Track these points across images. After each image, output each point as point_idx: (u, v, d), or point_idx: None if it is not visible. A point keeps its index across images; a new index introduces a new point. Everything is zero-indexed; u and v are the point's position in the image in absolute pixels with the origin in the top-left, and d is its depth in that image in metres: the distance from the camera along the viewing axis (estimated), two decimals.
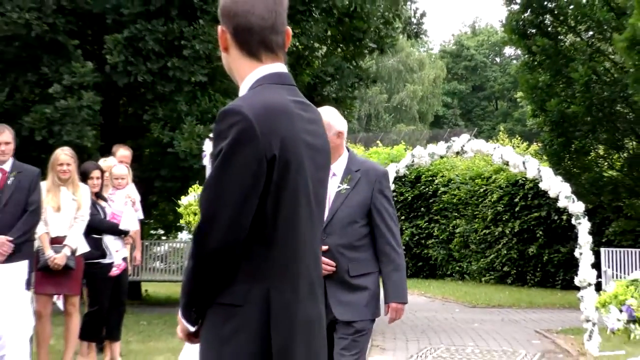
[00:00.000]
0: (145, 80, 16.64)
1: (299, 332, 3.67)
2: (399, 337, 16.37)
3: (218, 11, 3.84)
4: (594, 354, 13.83)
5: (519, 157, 15.46)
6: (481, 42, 68.78)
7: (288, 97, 3.70)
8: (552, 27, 23.82)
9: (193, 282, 3.60)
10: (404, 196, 30.38)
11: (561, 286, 24.31)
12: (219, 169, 3.49)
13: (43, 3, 16.78)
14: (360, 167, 6.63)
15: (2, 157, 10.57)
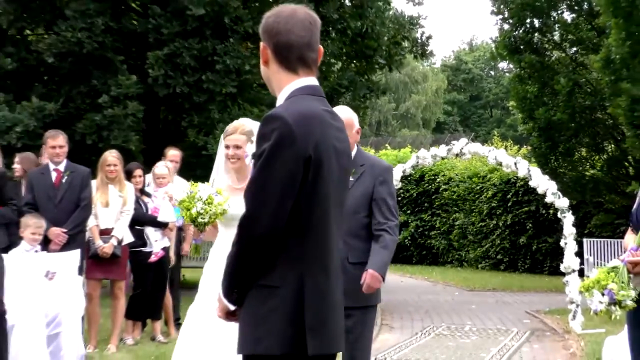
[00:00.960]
0: (183, 92, 16.63)
1: (328, 313, 3.76)
2: (405, 317, 16.33)
3: (260, 29, 3.93)
4: (577, 331, 13.79)
5: (511, 158, 15.43)
6: (477, 58, 68.64)
7: (320, 107, 3.80)
8: (539, 43, 23.77)
9: (236, 266, 3.69)
10: (410, 193, 30.36)
11: (548, 272, 24.24)
12: (263, 167, 3.60)
13: (93, 24, 16.78)
14: (365, 161, 6.46)
15: (57, 158, 10.65)
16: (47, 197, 10.70)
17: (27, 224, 9.92)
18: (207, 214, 6.10)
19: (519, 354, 12.30)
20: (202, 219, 6.12)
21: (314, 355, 3.67)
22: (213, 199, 6.11)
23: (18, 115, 16.28)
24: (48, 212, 10.42)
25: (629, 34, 17.46)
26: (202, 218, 6.11)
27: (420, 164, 16.17)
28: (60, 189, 10.75)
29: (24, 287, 9.59)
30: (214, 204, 6.10)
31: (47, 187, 10.76)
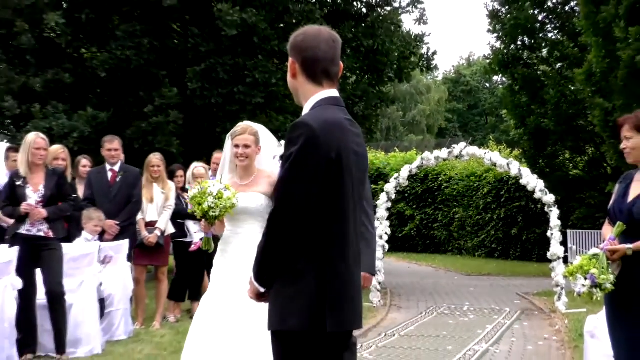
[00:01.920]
0: (217, 102, 16.67)
1: (347, 295, 3.78)
2: (412, 298, 16.32)
3: (289, 47, 3.96)
4: (562, 311, 13.76)
5: (504, 160, 15.39)
6: (475, 72, 68.44)
7: (342, 116, 3.82)
8: (529, 59, 23.78)
9: (266, 254, 3.73)
10: (415, 190, 30.28)
11: (536, 259, 24.15)
12: (291, 168, 3.62)
13: (140, 43, 16.83)
14: None
15: (113, 160, 10.85)
16: (103, 193, 10.84)
17: (90, 217, 10.03)
18: (217, 207, 5.94)
19: (511, 330, 12.28)
20: (213, 212, 5.97)
21: (333, 332, 3.70)
22: (223, 194, 5.96)
23: (75, 123, 16.35)
24: (103, 206, 10.56)
25: (607, 52, 17.48)
26: (213, 212, 5.97)
27: (424, 165, 16.15)
28: (114, 187, 10.89)
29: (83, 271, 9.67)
30: (224, 199, 5.95)
31: (103, 185, 10.91)
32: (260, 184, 6.29)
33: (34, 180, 9.01)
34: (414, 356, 9.96)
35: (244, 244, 6.15)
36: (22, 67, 17.78)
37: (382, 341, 11.05)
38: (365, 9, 19.45)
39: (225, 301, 6.06)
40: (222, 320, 6.00)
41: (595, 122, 18.59)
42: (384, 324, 12.78)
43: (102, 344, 9.62)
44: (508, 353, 10.33)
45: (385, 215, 15.64)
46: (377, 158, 32.17)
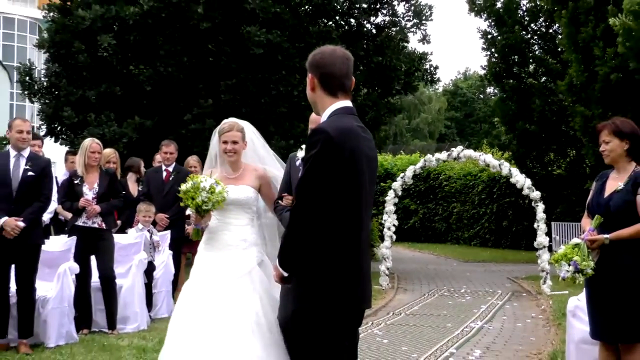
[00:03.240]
0: (247, 111, 16.68)
1: (359, 278, 3.81)
2: (416, 282, 16.31)
3: (308, 64, 3.99)
4: (547, 293, 13.72)
5: (496, 161, 15.36)
6: (470, 85, 68.30)
7: (355, 123, 3.84)
8: (518, 73, 23.80)
9: (289, 243, 3.74)
10: (419, 187, 30.27)
11: (524, 248, 24.02)
12: (310, 169, 3.65)
13: (180, 61, 16.87)
14: None
15: (168, 162, 11.01)
16: (158, 190, 10.94)
17: (140, 210, 10.12)
18: (210, 202, 5.56)
19: (502, 310, 12.24)
20: (206, 206, 5.58)
21: (348, 310, 3.77)
22: (215, 189, 5.56)
23: (124, 129, 16.41)
24: (157, 202, 10.65)
25: (586, 67, 17.52)
26: (206, 206, 5.58)
27: (427, 166, 16.11)
28: (167, 185, 10.94)
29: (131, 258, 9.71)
30: (216, 193, 5.55)
31: (158, 183, 11.02)
32: (248, 177, 5.90)
33: (89, 179, 9.10)
34: (418, 332, 9.95)
35: (231, 234, 5.74)
36: (79, 81, 17.87)
37: (390, 319, 11.04)
38: (375, 30, 19.40)
39: (209, 291, 5.47)
40: (205, 310, 5.38)
41: (576, 128, 18.61)
42: (391, 304, 12.76)
43: (147, 321, 9.65)
44: (500, 329, 10.29)
45: (393, 209, 15.62)
46: (386, 160, 32.15)
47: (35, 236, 7.95)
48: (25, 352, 7.69)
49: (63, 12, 18.19)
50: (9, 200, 7.78)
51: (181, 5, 16.51)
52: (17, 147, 7.96)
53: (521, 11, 23.64)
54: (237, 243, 5.65)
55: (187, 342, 5.33)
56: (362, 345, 5.84)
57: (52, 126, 18.58)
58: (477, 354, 8.42)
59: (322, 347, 3.70)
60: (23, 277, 7.88)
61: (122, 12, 16.60)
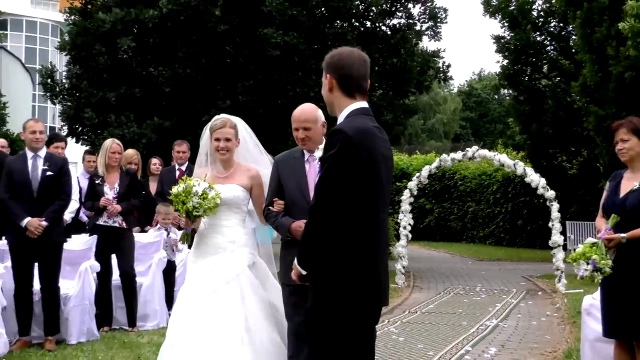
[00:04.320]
0: (264, 112, 16.71)
1: (377, 276, 3.81)
2: (431, 280, 16.27)
3: (325, 65, 3.98)
4: (562, 291, 13.65)
5: (511, 161, 15.31)
6: (485, 85, 68.08)
7: (371, 124, 3.83)
8: (531, 74, 23.72)
9: (308, 242, 3.74)
10: (434, 187, 30.21)
11: (539, 246, 23.88)
12: (329, 169, 3.64)
13: (198, 62, 16.93)
14: None
15: (180, 160, 10.87)
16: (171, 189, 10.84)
17: (159, 212, 10.07)
18: (201, 208, 5.26)
19: (517, 308, 12.18)
20: (197, 212, 5.27)
21: (366, 308, 3.77)
22: (207, 194, 5.27)
23: (143, 130, 16.49)
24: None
25: (600, 67, 17.44)
26: (197, 212, 5.27)
27: (442, 165, 16.07)
28: None
29: (151, 256, 9.73)
30: (209, 199, 5.26)
31: (171, 182, 10.86)
32: (239, 176, 5.60)
33: (110, 179, 9.13)
34: (433, 330, 9.92)
35: (221, 236, 5.48)
36: (100, 83, 17.99)
37: (406, 317, 11.02)
38: (390, 32, 19.38)
39: (197, 302, 5.26)
40: (194, 322, 5.19)
41: (590, 128, 18.54)
42: (407, 303, 12.74)
43: (167, 318, 9.66)
44: (515, 328, 10.24)
45: (408, 208, 15.59)
46: (401, 159, 32.10)
47: (57, 234, 7.98)
48: (50, 349, 7.73)
49: (84, 15, 18.30)
50: (31, 200, 7.81)
51: (199, 8, 16.57)
52: (32, 147, 7.99)
53: (535, 12, 23.54)
54: (226, 245, 5.43)
55: (178, 354, 5.17)
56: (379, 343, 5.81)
57: (73, 127, 18.71)
58: (492, 352, 8.39)
59: (341, 344, 3.69)
60: (46, 275, 7.92)
61: (142, 15, 16.67)
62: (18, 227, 7.70)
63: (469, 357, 8.16)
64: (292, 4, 16.63)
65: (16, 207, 7.75)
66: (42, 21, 61.22)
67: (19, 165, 7.95)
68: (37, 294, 8.02)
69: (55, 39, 46.13)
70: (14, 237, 7.77)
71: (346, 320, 3.69)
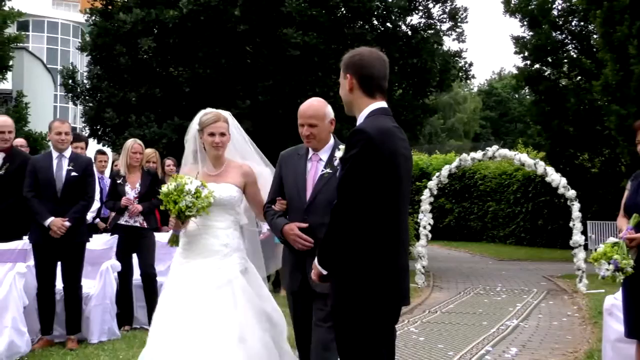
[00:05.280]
0: (284, 112, 16.72)
1: (398, 277, 3.80)
2: (452, 280, 16.23)
3: (345, 65, 3.97)
4: (583, 291, 13.59)
5: (531, 160, 15.26)
6: (505, 84, 67.84)
7: (391, 124, 3.83)
8: (552, 74, 23.61)
9: (329, 242, 3.73)
10: (454, 186, 30.11)
11: (560, 246, 23.74)
12: (351, 169, 3.64)
13: (218, 63, 16.97)
14: None
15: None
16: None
17: None
18: (194, 207, 4.91)
19: (538, 308, 12.13)
20: (189, 212, 4.92)
21: (388, 307, 3.77)
22: (201, 193, 4.92)
23: (164, 130, 16.54)
24: None
25: (622, 66, 17.33)
26: (190, 212, 4.92)
27: (462, 165, 16.04)
28: None
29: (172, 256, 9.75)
30: (202, 198, 4.91)
31: None
32: (232, 174, 5.28)
33: (131, 179, 9.17)
34: (454, 330, 9.89)
35: (212, 239, 5.14)
36: (120, 83, 18.08)
37: (426, 317, 11.00)
38: (410, 32, 19.32)
39: (185, 306, 4.93)
40: (181, 328, 4.86)
41: (611, 127, 18.41)
42: (427, 302, 12.72)
43: None
44: (536, 328, 10.20)
45: (428, 208, 15.56)
46: (421, 159, 32.03)
47: (80, 234, 8.03)
48: (72, 348, 7.78)
49: (105, 16, 18.39)
50: (54, 200, 7.86)
51: (219, 8, 16.61)
52: (57, 148, 8.03)
53: (555, 11, 23.43)
54: (218, 249, 5.11)
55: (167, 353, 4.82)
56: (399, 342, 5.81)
57: (95, 128, 18.80)
58: (512, 352, 8.35)
59: (362, 343, 3.71)
60: (69, 275, 7.97)
61: (162, 15, 16.74)
62: (41, 227, 7.75)
63: (490, 357, 8.13)
64: (312, 5, 16.64)
65: (40, 206, 7.80)
66: (64, 22, 61.68)
67: (44, 164, 8.00)
68: (59, 293, 8.08)
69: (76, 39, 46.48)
70: (38, 237, 7.82)
71: (367, 319, 3.70)
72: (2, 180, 8.17)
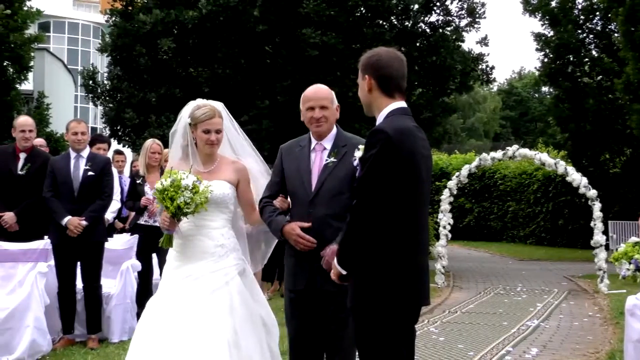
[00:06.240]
0: None
1: (418, 277, 3.80)
2: (472, 280, 16.19)
3: (363, 66, 3.96)
4: (604, 292, 13.51)
5: (552, 160, 15.19)
6: (525, 84, 67.56)
7: (411, 124, 3.83)
8: (573, 73, 23.47)
9: (348, 242, 3.72)
10: (474, 186, 30.05)
11: (581, 246, 23.60)
12: (370, 169, 3.63)
13: (237, 63, 17.03)
14: (347, 142, 4.80)
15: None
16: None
17: None
18: (193, 203, 4.57)
19: (559, 308, 12.08)
20: (188, 209, 4.58)
21: (408, 307, 3.78)
22: (198, 187, 4.59)
23: None
24: None
25: None
26: (188, 208, 4.58)
27: (482, 164, 16.00)
28: None
29: None
30: (200, 193, 4.59)
31: None
32: (225, 170, 4.96)
33: (150, 179, 9.20)
34: (474, 330, 9.86)
35: (206, 239, 4.82)
36: (140, 84, 18.15)
37: (446, 317, 10.97)
38: (429, 29, 19.28)
39: (177, 311, 4.64)
40: (172, 334, 4.56)
41: (633, 126, 18.32)
42: (447, 302, 12.68)
43: None
44: (557, 328, 10.15)
45: (448, 208, 15.52)
46: (441, 159, 31.98)
47: (99, 234, 8.08)
48: (93, 347, 7.83)
49: (125, 17, 18.48)
50: (72, 200, 7.91)
51: (238, 8, 16.65)
52: (74, 148, 8.09)
53: (576, 10, 23.30)
54: (213, 250, 4.79)
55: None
56: (419, 342, 5.80)
57: (115, 128, 18.89)
58: (533, 352, 8.32)
59: (382, 343, 3.70)
60: (89, 275, 8.03)
61: (182, 16, 16.80)
62: (61, 227, 7.81)
63: (510, 357, 8.10)
64: (330, 5, 16.63)
65: (58, 205, 7.86)
66: (84, 23, 62.05)
67: (61, 165, 8.06)
68: (80, 292, 8.13)
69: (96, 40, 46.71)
70: (57, 237, 7.88)
71: (387, 319, 3.69)
72: (23, 181, 8.24)
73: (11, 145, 8.62)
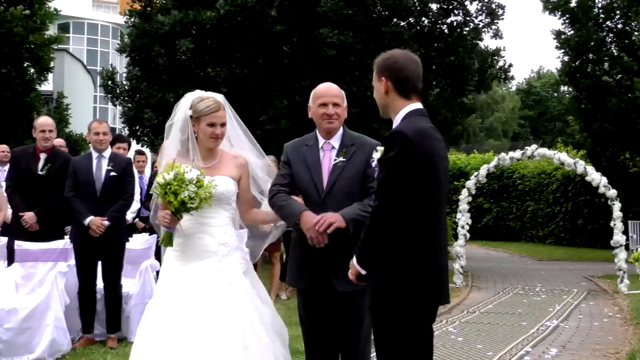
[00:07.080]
0: None
1: (437, 276, 3.81)
2: (490, 280, 16.13)
3: (379, 68, 3.97)
4: (624, 292, 13.44)
5: (571, 159, 15.12)
6: (544, 83, 67.28)
7: (428, 125, 3.84)
8: (593, 71, 23.33)
9: (368, 242, 3.74)
10: (492, 186, 29.96)
11: (600, 246, 23.48)
12: (390, 171, 3.65)
13: (255, 63, 17.06)
14: (355, 141, 4.77)
15: None
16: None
17: None
18: (197, 198, 4.32)
19: (578, 309, 12.01)
20: (192, 204, 4.33)
21: (425, 306, 3.79)
22: (202, 181, 4.36)
23: None
24: None
25: None
26: (192, 203, 4.33)
27: (500, 164, 15.95)
28: None
29: None
30: (204, 187, 4.36)
31: None
32: (227, 166, 4.74)
33: None
34: (492, 331, 9.83)
35: (209, 237, 4.61)
36: (159, 84, 18.24)
37: (464, 317, 10.95)
38: (447, 30, 19.23)
39: (181, 313, 4.41)
40: (177, 337, 4.35)
41: None
42: (466, 302, 12.65)
43: None
44: (576, 328, 10.10)
45: (466, 208, 15.49)
46: (459, 159, 31.92)
47: (120, 234, 8.13)
48: (112, 346, 7.88)
49: (143, 18, 18.58)
50: (94, 200, 7.97)
51: (256, 9, 16.70)
52: (96, 148, 8.15)
53: (596, 9, 23.17)
54: (216, 249, 4.59)
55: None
56: (437, 342, 5.80)
57: (134, 128, 18.99)
58: (553, 353, 8.28)
59: (401, 342, 3.72)
60: (109, 274, 8.09)
61: (200, 16, 16.86)
62: (82, 227, 7.86)
63: (529, 357, 8.07)
64: (348, 4, 16.63)
65: (80, 205, 7.91)
66: (103, 24, 62.41)
67: (83, 165, 8.12)
68: (100, 292, 8.19)
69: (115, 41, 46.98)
70: (79, 237, 7.93)
71: (406, 318, 3.71)
72: (44, 181, 8.31)
73: (32, 146, 8.69)
